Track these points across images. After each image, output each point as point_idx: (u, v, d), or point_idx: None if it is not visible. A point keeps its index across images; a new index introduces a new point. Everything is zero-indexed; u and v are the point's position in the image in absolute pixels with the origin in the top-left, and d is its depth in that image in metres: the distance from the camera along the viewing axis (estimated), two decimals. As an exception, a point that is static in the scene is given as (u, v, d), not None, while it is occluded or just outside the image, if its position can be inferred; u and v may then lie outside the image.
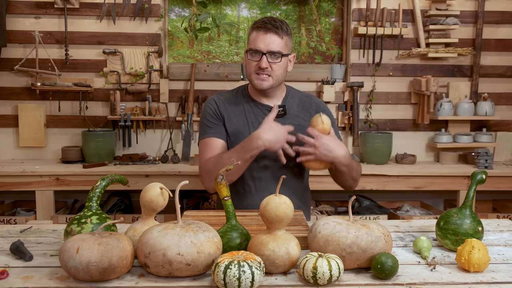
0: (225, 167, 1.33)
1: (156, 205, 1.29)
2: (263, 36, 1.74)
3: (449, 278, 1.17)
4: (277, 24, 1.75)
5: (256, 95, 1.87)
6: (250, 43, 1.79)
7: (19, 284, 1.13)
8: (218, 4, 3.43)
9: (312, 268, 1.10)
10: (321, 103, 1.97)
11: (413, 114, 3.44)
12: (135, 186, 2.78)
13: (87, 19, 3.25)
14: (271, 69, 1.76)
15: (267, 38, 1.74)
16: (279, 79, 1.80)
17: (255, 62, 1.76)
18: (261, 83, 1.77)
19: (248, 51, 1.79)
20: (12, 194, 3.25)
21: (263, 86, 1.78)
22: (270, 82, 1.78)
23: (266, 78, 1.77)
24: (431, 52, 3.31)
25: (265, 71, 1.76)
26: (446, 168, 3.13)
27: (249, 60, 1.78)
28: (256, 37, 1.76)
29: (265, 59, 1.74)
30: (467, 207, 1.40)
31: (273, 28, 1.74)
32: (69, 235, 1.30)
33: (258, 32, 1.76)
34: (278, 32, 1.75)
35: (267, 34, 1.74)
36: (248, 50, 1.78)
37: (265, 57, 1.74)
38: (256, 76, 1.78)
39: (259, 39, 1.75)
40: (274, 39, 1.74)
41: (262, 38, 1.74)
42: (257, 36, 1.75)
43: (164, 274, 1.14)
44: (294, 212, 1.54)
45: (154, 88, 3.32)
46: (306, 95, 1.96)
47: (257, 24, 1.78)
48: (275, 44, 1.74)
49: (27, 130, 3.24)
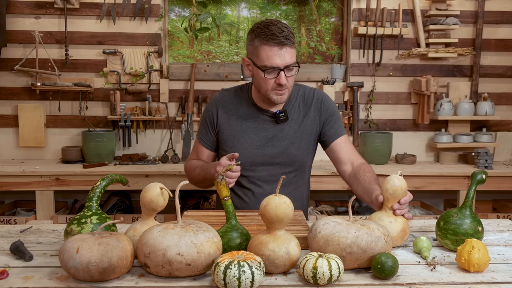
0: (225, 167, 1.33)
1: (156, 205, 1.29)
2: (278, 52, 1.65)
3: (449, 278, 1.17)
4: (287, 34, 1.66)
5: (259, 101, 1.82)
6: (264, 60, 1.66)
7: (19, 284, 1.13)
8: (218, 4, 3.43)
9: (312, 268, 1.10)
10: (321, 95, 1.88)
11: (413, 114, 3.44)
12: (135, 186, 2.78)
13: (87, 19, 3.25)
14: (287, 83, 1.70)
15: (282, 54, 1.65)
16: (292, 89, 1.78)
17: (273, 79, 1.69)
18: (281, 98, 1.73)
19: (264, 70, 1.67)
20: (12, 194, 3.25)
21: (283, 100, 1.75)
22: (287, 94, 1.74)
23: (283, 92, 1.72)
24: (431, 52, 3.31)
25: (282, 87, 1.70)
26: (446, 168, 3.13)
27: (265, 78, 1.68)
28: (270, 53, 1.65)
29: (283, 76, 1.66)
30: (467, 207, 1.40)
31: (286, 41, 1.65)
32: (69, 235, 1.30)
33: (272, 47, 1.65)
34: (291, 44, 1.67)
35: (282, 49, 1.65)
36: (265, 70, 1.67)
37: (283, 73, 1.66)
38: (275, 92, 1.71)
39: (274, 55, 1.65)
40: (289, 52, 1.66)
41: (277, 54, 1.65)
42: (271, 52, 1.65)
43: (164, 274, 1.14)
44: (294, 212, 1.54)
45: (154, 88, 3.32)
46: (309, 90, 1.89)
47: (266, 36, 1.65)
48: (291, 58, 1.67)
49: (27, 130, 3.24)
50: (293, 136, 1.82)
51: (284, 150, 1.81)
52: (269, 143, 1.81)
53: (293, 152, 1.81)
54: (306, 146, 1.84)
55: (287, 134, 1.82)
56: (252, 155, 1.80)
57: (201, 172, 1.81)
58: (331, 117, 1.85)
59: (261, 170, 1.82)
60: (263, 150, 1.81)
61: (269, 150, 1.81)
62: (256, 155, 1.80)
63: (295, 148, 1.81)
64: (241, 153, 1.79)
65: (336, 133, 1.85)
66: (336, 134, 1.85)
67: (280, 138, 1.81)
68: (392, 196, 1.39)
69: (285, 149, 1.80)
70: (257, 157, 1.80)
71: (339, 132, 1.85)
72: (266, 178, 1.82)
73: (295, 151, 1.81)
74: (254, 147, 1.81)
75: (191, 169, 1.89)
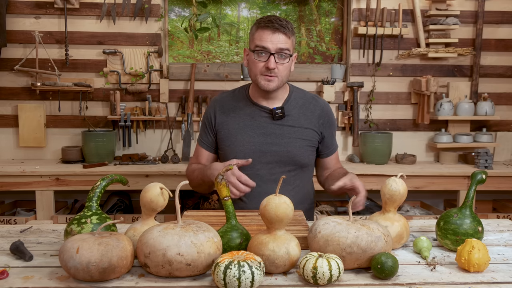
0: (225, 167, 1.33)
1: (156, 205, 1.29)
2: (270, 35, 1.70)
3: (449, 278, 1.17)
4: (283, 23, 1.71)
5: (257, 97, 1.84)
6: (256, 41, 1.72)
7: (19, 284, 1.13)
8: (218, 4, 3.43)
9: (312, 268, 1.10)
10: (326, 106, 1.92)
11: (413, 114, 3.44)
12: (135, 186, 2.78)
13: (87, 19, 3.25)
14: (277, 70, 1.72)
15: (275, 38, 1.70)
16: (284, 80, 1.78)
17: (262, 62, 1.72)
18: (268, 84, 1.74)
19: (254, 51, 1.72)
20: (12, 194, 3.25)
21: (270, 87, 1.75)
22: (276, 82, 1.75)
23: (272, 78, 1.74)
24: (431, 52, 3.31)
25: (272, 72, 1.72)
26: (446, 168, 3.13)
27: (255, 60, 1.73)
28: (263, 36, 1.70)
29: (273, 60, 1.70)
30: (467, 207, 1.40)
31: (281, 28, 1.70)
32: (69, 235, 1.30)
33: (265, 30, 1.70)
34: (286, 31, 1.71)
35: (275, 33, 1.70)
36: (255, 50, 1.72)
37: (273, 57, 1.70)
38: (262, 77, 1.74)
39: (266, 38, 1.70)
40: (282, 38, 1.70)
41: (269, 37, 1.70)
42: (264, 35, 1.70)
43: (164, 274, 1.14)
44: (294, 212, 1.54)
45: (154, 88, 3.32)
46: (312, 96, 1.92)
47: (262, 22, 1.72)
48: (283, 43, 1.70)
49: (27, 130, 3.24)
50: (293, 135, 1.81)
51: (284, 149, 1.80)
52: (267, 140, 1.81)
53: (294, 151, 1.81)
54: (307, 148, 1.84)
55: (287, 133, 1.81)
56: (249, 152, 1.80)
57: (199, 174, 1.82)
58: (330, 130, 1.91)
59: (260, 168, 1.81)
60: (261, 147, 1.80)
61: (268, 147, 1.80)
62: (254, 152, 1.80)
63: (295, 147, 1.81)
64: (238, 150, 1.80)
65: (332, 148, 1.94)
66: (332, 149, 1.94)
67: (279, 136, 1.81)
68: (389, 200, 1.39)
69: (284, 147, 1.80)
70: (255, 154, 1.80)
71: (334, 148, 1.95)
72: (265, 176, 1.81)
73: (296, 150, 1.81)
74: (251, 144, 1.81)
75: (191, 173, 1.90)
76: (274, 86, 1.76)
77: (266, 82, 1.74)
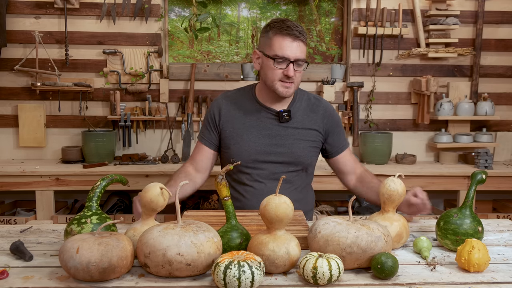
0: (226, 167, 1.33)
1: (156, 205, 1.29)
2: (290, 43, 1.69)
3: (449, 278, 1.17)
4: (301, 30, 1.72)
5: (264, 99, 1.84)
6: (276, 50, 1.70)
7: (19, 284, 1.13)
8: (218, 4, 3.43)
9: (312, 268, 1.10)
10: (329, 107, 1.93)
11: (413, 114, 3.44)
12: (135, 186, 2.78)
13: (87, 19, 3.25)
14: (294, 77, 1.74)
15: (295, 46, 1.70)
16: (298, 86, 1.81)
17: (281, 70, 1.72)
18: (287, 90, 1.75)
19: (274, 59, 1.71)
20: (12, 194, 3.25)
21: (288, 94, 1.77)
22: (293, 89, 1.77)
23: (290, 85, 1.75)
24: (431, 52, 3.31)
25: (289, 79, 1.73)
26: (446, 168, 3.13)
27: (274, 67, 1.72)
28: (283, 44, 1.70)
29: (292, 68, 1.70)
30: (467, 207, 1.40)
31: (300, 36, 1.70)
32: (69, 235, 1.30)
33: (285, 38, 1.70)
34: (304, 39, 1.72)
35: (294, 41, 1.70)
36: (275, 58, 1.71)
37: (292, 65, 1.70)
38: (281, 84, 1.74)
39: (286, 46, 1.69)
40: (300, 46, 1.71)
41: (289, 46, 1.69)
42: (284, 43, 1.69)
43: (164, 274, 1.14)
44: (294, 212, 1.54)
45: (154, 88, 3.32)
46: (315, 97, 1.93)
47: (281, 28, 1.71)
48: (302, 52, 1.72)
49: (27, 130, 3.24)
50: (297, 137, 1.82)
51: (288, 150, 1.81)
52: (272, 141, 1.82)
53: (298, 152, 1.82)
54: (310, 149, 1.85)
55: (291, 134, 1.83)
56: (254, 152, 1.81)
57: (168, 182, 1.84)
58: (337, 129, 1.90)
59: (264, 168, 1.82)
60: (266, 148, 1.81)
61: (272, 148, 1.81)
62: (258, 152, 1.81)
63: (299, 149, 1.82)
64: (243, 150, 1.81)
65: (342, 146, 1.91)
66: (342, 147, 1.91)
67: (284, 137, 1.82)
68: (388, 200, 1.39)
69: (289, 148, 1.81)
70: (259, 155, 1.81)
71: (344, 145, 1.92)
72: (268, 176, 1.82)
73: (300, 151, 1.82)
74: (256, 144, 1.81)
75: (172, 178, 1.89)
76: (291, 93, 1.78)
77: (285, 89, 1.75)
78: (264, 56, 1.76)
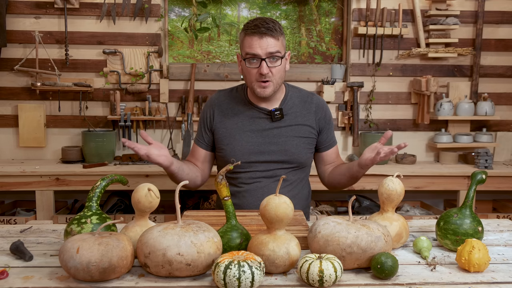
0: (226, 167, 1.33)
1: (143, 206, 1.29)
2: (258, 41, 1.69)
3: (449, 278, 1.17)
4: (270, 26, 1.70)
5: (254, 99, 1.85)
6: (246, 49, 1.72)
7: (19, 284, 1.13)
8: (218, 4, 3.43)
9: (318, 271, 1.09)
10: (321, 102, 1.94)
11: (413, 114, 3.44)
12: (135, 186, 2.74)
13: (87, 19, 3.25)
14: (271, 74, 1.73)
15: (263, 42, 1.69)
16: (279, 83, 1.79)
17: (255, 69, 1.72)
18: (264, 90, 1.75)
19: (245, 59, 1.73)
20: (12, 194, 3.25)
21: (266, 94, 1.76)
22: (272, 87, 1.76)
23: (267, 84, 1.74)
24: (431, 52, 3.31)
25: (266, 77, 1.72)
26: (446, 168, 3.13)
27: (248, 68, 1.73)
28: (251, 43, 1.70)
29: (265, 65, 1.70)
30: (467, 207, 1.40)
31: (268, 31, 1.69)
32: (69, 235, 1.30)
33: (252, 37, 1.70)
34: (273, 34, 1.70)
35: (262, 38, 1.69)
36: (245, 58, 1.73)
37: (264, 62, 1.70)
38: (258, 84, 1.74)
39: (255, 44, 1.70)
40: (271, 42, 1.70)
41: (258, 43, 1.69)
42: (252, 41, 1.70)
43: (164, 274, 1.14)
44: (294, 212, 1.54)
45: (154, 88, 3.32)
46: (307, 93, 1.94)
47: (249, 28, 1.72)
48: (273, 47, 1.70)
49: (27, 130, 3.24)
50: (290, 134, 1.83)
51: (281, 148, 1.81)
52: (265, 140, 1.82)
53: (291, 150, 1.82)
54: (305, 146, 1.85)
55: (284, 132, 1.83)
56: (247, 152, 1.81)
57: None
58: (328, 125, 1.92)
59: (258, 167, 1.82)
60: (259, 147, 1.82)
61: (266, 147, 1.82)
62: (251, 152, 1.81)
63: (293, 146, 1.82)
64: (236, 150, 1.81)
65: (331, 142, 1.94)
66: (332, 143, 1.94)
67: (277, 136, 1.82)
68: (387, 199, 1.39)
69: (282, 146, 1.81)
70: (253, 154, 1.81)
71: (333, 142, 1.95)
72: (263, 175, 1.83)
73: (293, 149, 1.82)
74: (250, 144, 1.82)
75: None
76: (270, 92, 1.77)
77: (262, 89, 1.75)
78: (241, 58, 1.77)
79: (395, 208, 1.41)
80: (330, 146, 1.93)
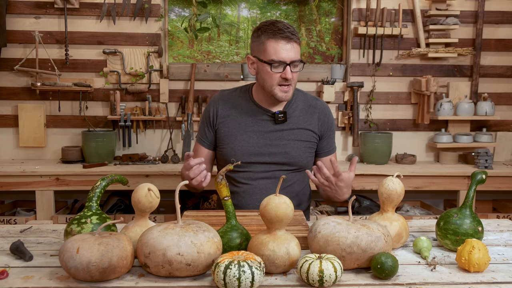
0: (226, 167, 1.33)
1: (143, 206, 1.30)
2: (285, 46, 1.69)
3: (449, 278, 1.17)
4: (292, 31, 1.71)
5: (261, 100, 1.84)
6: (271, 54, 1.69)
7: (19, 284, 1.13)
8: (218, 4, 3.43)
9: (318, 271, 1.09)
10: (326, 108, 1.93)
11: (413, 114, 3.44)
12: (135, 186, 2.75)
13: (87, 19, 3.25)
14: (292, 78, 1.73)
15: (289, 48, 1.69)
16: (295, 87, 1.81)
17: (278, 73, 1.71)
18: (286, 95, 1.75)
19: (271, 64, 1.70)
20: (12, 194, 3.25)
21: (288, 97, 1.77)
22: (291, 91, 1.77)
23: (289, 88, 1.74)
24: (431, 52, 3.31)
25: (288, 81, 1.72)
26: (446, 168, 3.13)
27: (271, 72, 1.71)
28: (277, 47, 1.69)
29: (289, 70, 1.70)
30: (467, 207, 1.40)
31: (293, 37, 1.70)
32: (69, 235, 1.30)
33: (279, 42, 1.69)
34: (297, 40, 1.72)
35: (288, 43, 1.69)
36: (271, 63, 1.70)
37: (289, 68, 1.70)
38: (279, 88, 1.73)
39: (281, 49, 1.68)
40: (295, 48, 1.71)
41: (284, 49, 1.69)
42: (278, 46, 1.69)
43: (164, 274, 1.14)
44: (294, 212, 1.54)
45: (154, 88, 3.32)
46: (312, 98, 1.93)
47: (273, 31, 1.69)
48: (297, 53, 1.71)
49: (27, 130, 3.24)
50: (292, 137, 1.83)
51: (282, 150, 1.81)
52: (266, 142, 1.82)
53: (292, 153, 1.82)
54: (306, 150, 1.85)
55: (286, 135, 1.83)
56: (248, 152, 1.81)
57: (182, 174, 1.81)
58: (329, 132, 1.92)
59: (257, 168, 1.82)
60: (260, 148, 1.82)
61: (266, 149, 1.82)
62: (252, 153, 1.81)
63: (294, 149, 1.82)
64: (237, 150, 1.81)
65: (330, 149, 1.93)
66: (331, 150, 1.94)
67: (279, 138, 1.82)
68: (387, 199, 1.39)
69: (283, 149, 1.81)
70: (253, 155, 1.81)
71: (333, 149, 1.95)
72: (262, 176, 1.83)
73: (294, 152, 1.82)
74: (250, 145, 1.82)
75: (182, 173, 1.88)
76: (290, 96, 1.78)
77: (284, 93, 1.75)
78: (260, 61, 1.74)
79: (395, 208, 1.42)
80: (329, 152, 1.93)
